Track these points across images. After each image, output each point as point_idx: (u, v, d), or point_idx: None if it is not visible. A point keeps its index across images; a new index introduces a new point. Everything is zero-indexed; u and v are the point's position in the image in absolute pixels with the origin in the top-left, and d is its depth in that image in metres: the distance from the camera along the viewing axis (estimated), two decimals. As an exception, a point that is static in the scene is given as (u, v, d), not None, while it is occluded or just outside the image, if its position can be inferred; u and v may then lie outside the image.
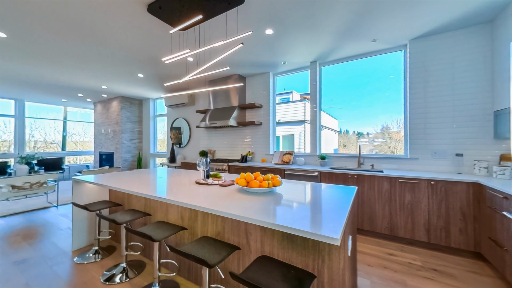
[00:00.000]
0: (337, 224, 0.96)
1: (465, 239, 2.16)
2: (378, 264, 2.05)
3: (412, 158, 2.86)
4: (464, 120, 2.57)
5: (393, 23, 2.48)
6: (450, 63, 2.65)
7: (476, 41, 2.51)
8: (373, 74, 3.44)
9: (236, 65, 3.79)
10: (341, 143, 4.24)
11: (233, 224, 1.48)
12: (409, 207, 2.42)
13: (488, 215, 1.92)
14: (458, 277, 1.85)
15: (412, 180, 2.40)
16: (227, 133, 4.73)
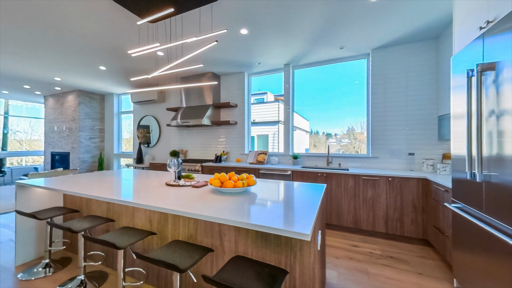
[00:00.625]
0: (308, 221, 1.00)
1: (415, 228, 2.45)
2: (344, 255, 2.21)
3: (373, 157, 3.14)
4: (415, 123, 2.92)
5: (358, 33, 2.70)
6: (405, 72, 2.98)
7: (425, 54, 2.88)
8: (340, 79, 3.69)
9: (210, 63, 3.71)
10: (312, 143, 4.46)
11: (206, 226, 1.44)
12: (371, 201, 2.66)
13: (433, 206, 2.21)
14: (410, 262, 2.09)
15: (373, 177, 2.64)
16: (201, 132, 4.60)
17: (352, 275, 1.87)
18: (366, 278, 1.84)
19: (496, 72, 1.23)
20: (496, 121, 1.23)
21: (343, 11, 2.26)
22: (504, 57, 1.17)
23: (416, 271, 1.93)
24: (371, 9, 2.22)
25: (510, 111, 1.13)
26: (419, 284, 1.75)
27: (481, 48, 1.36)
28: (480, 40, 1.36)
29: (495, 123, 1.24)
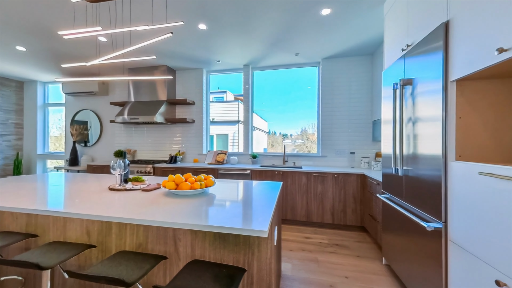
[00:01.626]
0: (265, 218, 1.04)
1: (355, 217, 2.83)
2: (297, 247, 2.38)
3: (322, 156, 3.48)
4: (355, 126, 3.37)
5: (311, 42, 2.94)
6: (348, 81, 3.41)
7: (363, 67, 3.35)
8: (296, 83, 3.96)
9: (165, 56, 3.43)
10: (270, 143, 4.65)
11: (158, 233, 1.33)
12: (320, 196, 2.94)
13: (368, 198, 2.60)
14: (351, 247, 2.40)
15: (323, 174, 2.93)
16: (153, 130, 4.22)
17: (305, 265, 2.03)
18: (316, 266, 2.02)
19: (412, 86, 1.53)
20: (412, 126, 1.53)
21: (298, 20, 2.42)
22: (417, 75, 1.47)
23: (355, 255, 2.23)
24: (322, 22, 2.45)
25: (421, 119, 1.43)
26: (357, 266, 2.03)
27: (403, 66, 1.66)
28: (402, 59, 1.67)
29: (411, 128, 1.54)
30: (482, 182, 0.98)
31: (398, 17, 1.80)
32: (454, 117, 1.17)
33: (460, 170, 1.10)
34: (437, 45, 1.27)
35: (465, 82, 1.16)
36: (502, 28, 0.89)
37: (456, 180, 1.13)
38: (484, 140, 1.15)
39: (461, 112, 1.16)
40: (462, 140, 1.16)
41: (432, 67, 1.31)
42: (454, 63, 1.16)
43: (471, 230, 1.04)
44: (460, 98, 1.16)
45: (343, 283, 1.77)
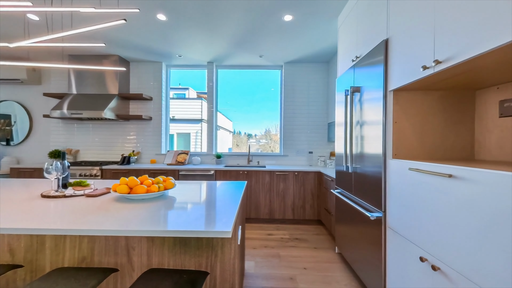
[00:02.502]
0: (229, 219, 1.03)
1: (313, 212, 3.06)
2: (260, 245, 2.43)
3: (284, 155, 3.65)
4: (313, 128, 3.64)
5: (274, 46, 3.04)
6: (307, 86, 3.65)
7: (320, 74, 3.63)
8: (260, 85, 4.06)
9: (117, 44, 3.07)
10: (235, 142, 4.63)
11: (107, 243, 1.18)
12: (282, 193, 3.07)
13: (324, 193, 2.84)
14: (309, 240, 2.58)
15: (284, 172, 3.07)
16: (101, 127, 3.73)
17: (267, 261, 2.09)
18: (278, 261, 2.10)
19: (360, 93, 1.73)
20: (360, 129, 1.73)
21: (263, 23, 2.48)
22: (364, 83, 1.67)
23: (312, 246, 2.41)
24: (285, 28, 2.57)
25: (367, 122, 1.63)
26: (314, 256, 2.20)
27: (353, 75, 1.87)
28: (352, 69, 1.88)
29: (359, 130, 1.75)
30: (411, 176, 1.17)
31: (349, 31, 2.02)
32: (391, 121, 1.37)
33: (396, 167, 1.30)
34: (379, 58, 1.47)
35: (399, 92, 1.38)
36: (426, 49, 1.09)
37: (392, 175, 1.34)
38: (412, 141, 1.38)
39: (396, 118, 1.37)
40: (397, 141, 1.37)
41: (375, 77, 1.51)
42: (392, 75, 1.36)
43: (403, 217, 1.24)
44: (396, 105, 1.37)
45: (302, 274, 1.89)
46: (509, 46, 0.75)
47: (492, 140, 1.25)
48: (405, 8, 1.25)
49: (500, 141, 1.21)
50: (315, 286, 1.74)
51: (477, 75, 1.08)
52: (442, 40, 0.99)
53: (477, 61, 0.89)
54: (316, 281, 1.80)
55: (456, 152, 1.37)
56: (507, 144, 1.17)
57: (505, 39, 0.73)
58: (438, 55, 1.01)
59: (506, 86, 1.18)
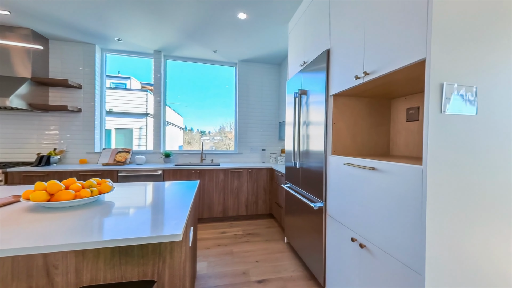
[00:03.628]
0: (179, 221, 0.97)
1: (265, 206, 3.20)
2: (213, 244, 2.40)
3: (239, 153, 3.68)
4: (266, 126, 3.80)
5: (228, 42, 3.01)
6: (261, 86, 3.77)
7: (273, 75, 3.81)
8: (214, 80, 3.94)
9: (29, 15, 2.45)
10: (186, 140, 4.38)
11: (16, 265, 0.95)
12: (236, 191, 3.10)
13: (275, 188, 3.01)
14: (261, 233, 2.70)
15: (239, 170, 3.10)
16: (6, 119, 2.92)
17: (220, 260, 2.08)
18: (231, 258, 2.12)
19: (307, 96, 1.90)
20: (306, 128, 1.91)
21: (217, 17, 2.41)
22: (310, 87, 1.84)
23: (264, 239, 2.53)
24: (239, 25, 2.57)
25: (312, 122, 1.80)
26: (266, 249, 2.31)
27: (301, 78, 2.03)
28: (301, 73, 2.04)
29: (306, 130, 1.92)
30: (345, 170, 1.37)
31: (298, 37, 2.18)
32: (331, 122, 1.56)
33: (334, 162, 1.50)
34: (322, 66, 1.64)
35: (338, 97, 1.58)
36: (358, 62, 1.28)
37: (331, 169, 1.53)
38: (347, 140, 1.61)
39: (335, 119, 1.57)
40: (335, 140, 1.57)
41: (319, 82, 1.68)
42: (332, 82, 1.54)
43: (339, 205, 1.44)
44: (335, 109, 1.57)
45: (255, 267, 1.96)
46: (413, 66, 0.96)
47: (401, 140, 1.58)
48: (342, 26, 1.44)
49: (406, 140, 1.54)
50: (266, 276, 1.84)
51: (392, 87, 1.34)
52: (369, 56, 1.18)
53: (392, 75, 1.11)
54: (267, 271, 1.90)
55: (378, 149, 1.66)
56: (411, 142, 1.51)
57: (411, 60, 0.94)
58: (366, 68, 1.20)
59: (411, 97, 1.51)
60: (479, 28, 0.90)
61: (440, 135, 0.87)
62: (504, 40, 0.94)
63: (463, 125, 0.90)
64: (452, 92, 0.87)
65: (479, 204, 0.91)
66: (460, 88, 0.88)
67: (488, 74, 0.92)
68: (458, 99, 0.88)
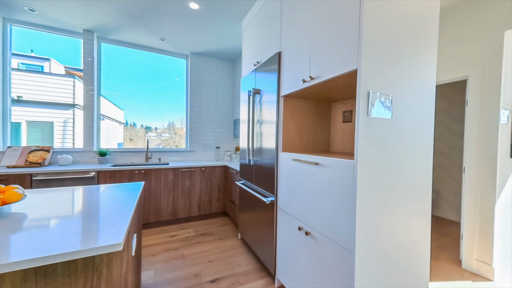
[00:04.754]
0: (120, 228, 0.86)
1: (219, 204, 3.16)
2: (161, 249, 2.22)
3: (191, 151, 3.50)
4: (220, 123, 3.73)
5: (178, 31, 2.80)
6: (215, 81, 3.67)
7: (227, 71, 3.76)
8: (162, 72, 3.60)
9: None
10: (127, 136, 3.88)
11: None
12: (188, 191, 2.94)
13: (230, 185, 3.01)
14: (215, 232, 2.66)
15: (191, 169, 2.95)
16: None
17: (170, 265, 1.95)
18: (182, 261, 2.01)
19: (260, 95, 1.96)
20: (260, 126, 1.97)
21: (166, 3, 2.21)
22: (263, 87, 1.91)
23: (218, 238, 2.50)
24: (190, 15, 2.42)
25: (265, 121, 1.87)
26: (219, 247, 2.29)
27: (255, 77, 2.08)
28: (254, 72, 2.09)
29: (259, 128, 1.98)
30: (294, 165, 1.48)
31: (252, 37, 2.22)
32: (282, 122, 1.66)
33: (284, 158, 1.60)
34: (274, 67, 1.72)
35: (288, 98, 1.69)
36: (305, 67, 1.40)
37: (281, 165, 1.63)
38: (295, 138, 1.74)
39: (285, 119, 1.68)
40: (285, 138, 1.68)
41: (271, 83, 1.76)
42: (283, 83, 1.64)
43: (288, 197, 1.55)
44: (285, 109, 1.68)
45: (207, 268, 1.92)
46: (348, 74, 1.12)
47: (338, 138, 1.82)
48: (292, 31, 1.54)
49: (342, 138, 1.79)
50: (219, 275, 1.82)
51: (333, 91, 1.52)
52: (314, 62, 1.31)
53: (333, 81, 1.26)
54: (220, 270, 1.89)
55: (320, 146, 1.87)
56: (346, 140, 1.75)
57: (346, 69, 1.08)
58: (312, 73, 1.32)
59: (347, 101, 1.75)
60: (396, 49, 1.12)
61: (366, 134, 1.05)
62: (415, 60, 1.19)
63: (382, 126, 1.10)
64: (376, 99, 1.06)
65: (394, 189, 1.15)
66: (381, 96, 1.08)
67: (400, 87, 1.16)
68: (379, 105, 1.07)
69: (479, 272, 1.88)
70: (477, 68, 1.91)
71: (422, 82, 1.25)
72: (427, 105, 1.27)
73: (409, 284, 1.24)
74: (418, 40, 1.21)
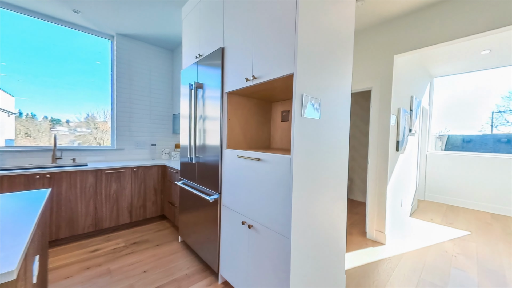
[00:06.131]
0: (12, 251, 0.65)
1: (155, 208, 2.86)
2: (79, 268, 1.83)
3: (118, 149, 3.01)
4: (157, 118, 3.37)
5: (99, 5, 2.33)
6: (149, 70, 3.27)
7: (165, 61, 3.42)
8: (77, 51, 2.90)
9: None
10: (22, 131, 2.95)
11: None
12: (115, 196, 2.52)
13: (168, 186, 2.77)
14: (150, 239, 2.39)
15: (118, 170, 2.53)
16: None
17: (92, 285, 1.63)
18: (108, 278, 1.72)
19: (203, 90, 1.88)
20: (203, 122, 1.89)
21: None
22: (206, 81, 1.84)
23: (155, 245, 2.27)
24: (117, -11, 2.05)
25: (208, 117, 1.82)
26: (156, 254, 2.09)
27: (197, 70, 1.98)
28: (196, 65, 1.98)
29: (202, 124, 1.90)
30: (238, 162, 1.51)
31: (193, 28, 2.09)
32: (226, 118, 1.65)
33: (228, 155, 1.60)
34: (218, 62, 1.69)
35: (232, 95, 1.69)
36: (248, 66, 1.44)
37: (226, 162, 1.63)
38: (239, 135, 1.77)
39: (229, 115, 1.68)
40: (230, 135, 1.69)
41: (215, 78, 1.72)
42: (226, 80, 1.63)
43: (232, 194, 1.57)
44: (229, 105, 1.68)
45: (142, 279, 1.71)
46: (286, 77, 1.22)
47: (278, 135, 1.98)
48: (235, 29, 1.55)
49: (281, 136, 1.95)
50: (157, 284, 1.66)
51: (273, 92, 1.63)
52: (257, 62, 1.36)
53: (273, 82, 1.35)
54: (158, 278, 1.73)
55: (262, 143, 1.97)
56: (284, 138, 1.92)
57: (285, 73, 1.18)
58: (254, 72, 1.37)
59: (285, 102, 1.91)
60: (325, 59, 1.30)
61: (300, 132, 1.18)
62: (338, 70, 1.42)
63: (312, 125, 1.26)
64: (308, 101, 1.20)
65: (321, 179, 1.34)
66: (312, 99, 1.23)
67: (326, 92, 1.35)
68: (310, 107, 1.22)
69: (377, 239, 2.46)
70: (377, 81, 2.46)
71: (342, 90, 1.50)
72: (345, 109, 1.55)
73: (332, 257, 1.49)
74: (339, 53, 1.45)
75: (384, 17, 2.30)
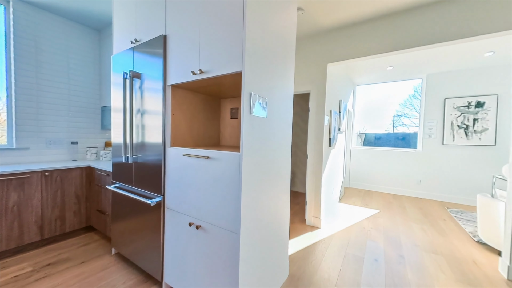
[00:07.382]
0: None
1: (78, 219, 2.37)
2: (-45, 313, 1.34)
3: (20, 148, 2.33)
4: (78, 111, 2.78)
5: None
6: (66, 52, 2.65)
7: (88, 42, 2.84)
8: None
9: None
10: None
11: None
12: (16, 209, 1.95)
13: (97, 192, 2.34)
14: (72, 257, 1.98)
15: (21, 175, 1.97)
16: None
17: (-23, 331, 1.22)
18: (7, 316, 1.32)
19: (141, 80, 1.67)
20: (141, 117, 1.68)
21: None
22: (145, 71, 1.64)
23: (78, 262, 1.89)
24: None
25: (148, 111, 1.63)
26: (81, 273, 1.75)
27: (132, 57, 1.73)
28: (132, 51, 1.74)
29: (140, 119, 1.69)
30: (184, 160, 1.42)
31: (127, 9, 1.82)
32: (170, 113, 1.52)
33: (173, 153, 1.49)
34: (159, 51, 1.53)
35: (176, 89, 1.57)
36: (194, 59, 1.36)
37: (170, 161, 1.50)
38: (185, 132, 1.66)
39: (174, 110, 1.55)
40: (174, 131, 1.56)
41: (156, 68, 1.55)
42: (170, 71, 1.50)
43: (177, 195, 1.47)
44: (173, 99, 1.55)
45: (61, 307, 1.40)
46: (235, 74, 1.22)
47: (227, 132, 1.96)
48: (179, 17, 1.44)
49: (230, 133, 1.94)
50: (83, 309, 1.39)
51: (222, 88, 1.60)
52: (204, 56, 1.31)
53: (222, 78, 1.32)
54: (85, 302, 1.45)
55: (211, 140, 1.92)
56: (233, 135, 1.92)
57: (233, 70, 1.18)
58: (202, 66, 1.31)
59: (234, 99, 1.91)
60: (271, 60, 1.37)
61: (249, 129, 1.21)
62: (283, 72, 1.51)
63: (260, 123, 1.32)
64: (256, 100, 1.24)
65: (268, 174, 1.41)
66: (260, 98, 1.28)
67: (272, 92, 1.43)
68: (258, 105, 1.27)
69: (314, 224, 2.80)
70: (314, 85, 2.77)
71: (286, 91, 1.62)
72: (288, 109, 1.68)
73: (278, 245, 1.61)
74: (284, 56, 1.56)
75: (320, 28, 2.60)
